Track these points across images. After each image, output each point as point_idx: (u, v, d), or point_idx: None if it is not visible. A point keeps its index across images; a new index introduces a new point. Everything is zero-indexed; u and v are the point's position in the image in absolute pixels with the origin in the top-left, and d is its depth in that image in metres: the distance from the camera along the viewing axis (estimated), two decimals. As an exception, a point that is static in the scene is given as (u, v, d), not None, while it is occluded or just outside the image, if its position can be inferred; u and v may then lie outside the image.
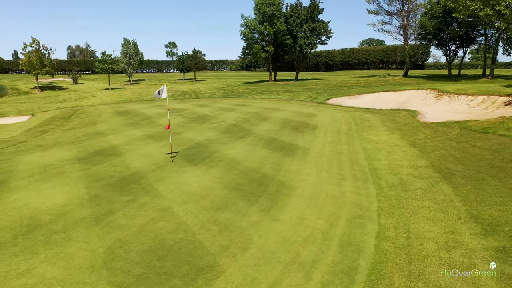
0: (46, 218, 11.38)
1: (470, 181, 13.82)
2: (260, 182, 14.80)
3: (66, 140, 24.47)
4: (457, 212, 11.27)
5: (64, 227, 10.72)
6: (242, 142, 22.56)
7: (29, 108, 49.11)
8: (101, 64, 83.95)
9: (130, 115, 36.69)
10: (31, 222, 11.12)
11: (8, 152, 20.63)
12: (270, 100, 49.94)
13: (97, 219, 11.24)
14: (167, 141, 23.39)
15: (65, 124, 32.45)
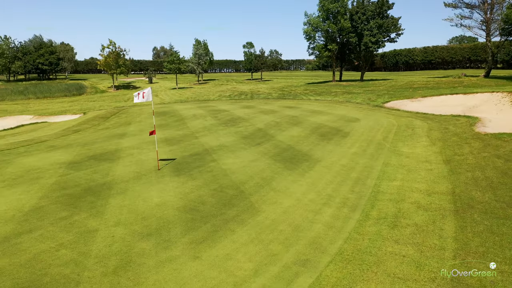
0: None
1: (487, 220, 10.36)
2: (228, 202, 12.67)
3: (81, 142, 24.37)
4: (436, 269, 8.16)
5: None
6: (253, 150, 20.48)
7: (90, 107, 51.66)
8: (169, 64, 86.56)
9: (167, 115, 36.35)
10: None
11: (15, 153, 20.85)
12: (322, 102, 46.84)
13: (6, 239, 10.03)
14: (180, 145, 22.09)
15: (101, 124, 32.94)
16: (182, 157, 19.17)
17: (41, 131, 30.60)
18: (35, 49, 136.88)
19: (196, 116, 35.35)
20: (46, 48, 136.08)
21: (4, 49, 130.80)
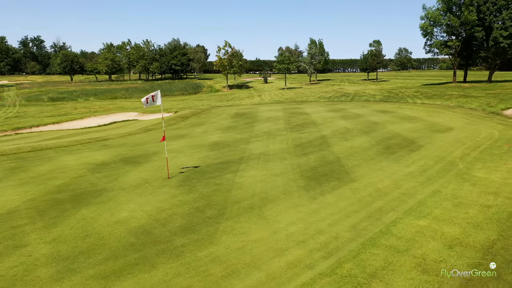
0: None
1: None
2: (192, 226, 10.88)
3: (134, 142, 24.79)
4: None
5: None
6: (290, 162, 18.15)
7: (191, 105, 53.92)
8: (279, 64, 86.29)
9: (243, 117, 35.50)
10: None
11: (66, 150, 22.02)
12: (428, 106, 40.86)
13: None
14: (221, 151, 20.86)
15: (176, 124, 33.56)
16: (208, 165, 17.82)
17: (120, 129, 32.49)
18: (170, 51, 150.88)
19: (270, 119, 33.74)
20: (179, 50, 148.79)
21: (145, 52, 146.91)
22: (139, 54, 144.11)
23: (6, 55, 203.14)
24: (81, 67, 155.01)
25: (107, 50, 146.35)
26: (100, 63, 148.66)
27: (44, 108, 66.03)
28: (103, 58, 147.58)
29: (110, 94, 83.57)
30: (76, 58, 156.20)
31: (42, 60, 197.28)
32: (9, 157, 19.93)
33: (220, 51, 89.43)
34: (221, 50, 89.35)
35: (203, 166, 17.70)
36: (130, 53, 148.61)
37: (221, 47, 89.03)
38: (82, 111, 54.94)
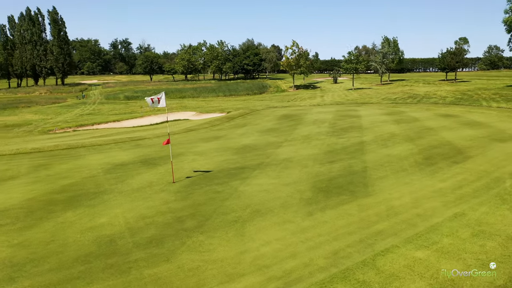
0: None
1: None
2: (149, 241, 10.18)
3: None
4: None
5: None
6: (308, 170, 16.78)
7: (247, 106, 53.58)
8: (346, 64, 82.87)
9: (288, 119, 34.18)
10: None
11: (98, 149, 22.56)
12: (501, 111, 36.26)
13: None
14: (245, 155, 20.02)
15: (220, 125, 33.22)
16: (221, 170, 17.03)
17: (165, 128, 32.95)
18: (243, 51, 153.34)
19: (316, 121, 32.07)
20: (251, 50, 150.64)
21: (219, 52, 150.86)
22: (213, 54, 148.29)
23: (98, 57, 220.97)
24: (160, 67, 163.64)
25: (183, 51, 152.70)
26: (177, 63, 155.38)
27: (116, 106, 70.24)
28: (180, 59, 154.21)
29: (179, 93, 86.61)
30: (156, 59, 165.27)
31: (128, 61, 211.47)
32: (44, 154, 20.95)
33: (287, 50, 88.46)
34: (288, 49, 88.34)
35: (215, 171, 16.95)
36: (205, 54, 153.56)
37: (288, 47, 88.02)
38: (147, 109, 57.50)
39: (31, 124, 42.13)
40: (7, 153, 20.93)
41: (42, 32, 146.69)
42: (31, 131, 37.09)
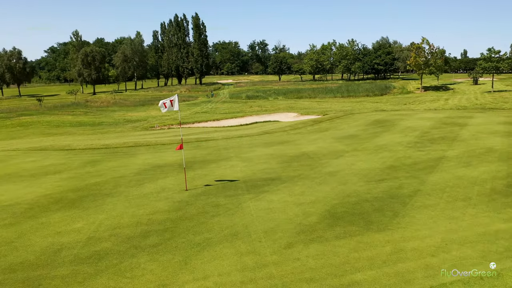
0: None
1: None
2: (96, 254, 9.50)
3: (233, 145, 24.05)
4: None
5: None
6: (338, 190, 14.36)
7: (352, 108, 50.03)
8: (484, 63, 71.25)
9: (377, 125, 30.39)
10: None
11: (160, 148, 23.03)
12: None
13: None
14: (294, 164, 18.33)
15: (302, 128, 31.26)
16: (247, 180, 15.57)
17: (248, 130, 32.51)
18: (374, 50, 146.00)
19: (406, 129, 27.85)
20: (383, 49, 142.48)
21: (348, 51, 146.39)
22: (342, 54, 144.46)
23: (237, 58, 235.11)
24: (289, 67, 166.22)
25: (312, 51, 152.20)
26: (305, 63, 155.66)
27: (234, 105, 73.12)
28: (308, 59, 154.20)
29: (297, 93, 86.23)
30: (285, 59, 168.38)
31: (264, 61, 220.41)
32: (107, 151, 22.37)
33: (416, 49, 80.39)
34: (417, 47, 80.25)
35: (241, 180, 15.65)
36: (334, 54, 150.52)
37: (416, 44, 79.92)
38: (255, 109, 58.19)
39: (145, 120, 46.57)
40: (77, 147, 22.99)
41: (186, 36, 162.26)
42: (137, 127, 40.74)
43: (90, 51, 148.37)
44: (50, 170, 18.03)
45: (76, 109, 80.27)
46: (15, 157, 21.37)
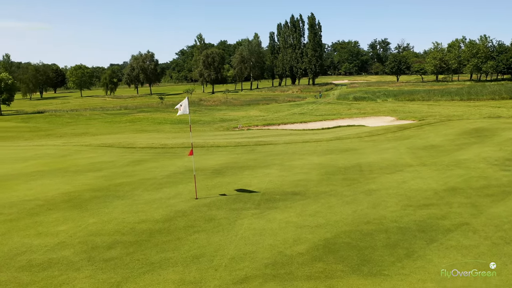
0: None
1: None
2: (48, 263, 9.27)
3: (288, 151, 22.45)
4: None
5: None
6: (359, 212, 12.20)
7: (463, 113, 43.48)
8: None
9: (468, 135, 25.58)
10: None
11: (216, 150, 22.57)
12: None
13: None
14: (335, 178, 16.42)
15: (378, 136, 27.88)
16: (269, 192, 14.07)
17: (323, 134, 30.34)
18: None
19: (505, 142, 22.75)
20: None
21: (480, 49, 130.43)
22: (471, 52, 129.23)
23: (356, 58, 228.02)
24: (408, 67, 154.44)
25: (435, 49, 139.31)
26: (427, 63, 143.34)
27: (336, 106, 70.36)
28: (431, 58, 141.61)
29: (409, 95, 79.55)
30: (404, 58, 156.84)
31: (384, 61, 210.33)
32: (161, 151, 22.80)
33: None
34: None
35: (261, 192, 14.23)
36: (462, 52, 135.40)
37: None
38: (352, 111, 54.63)
39: (236, 120, 47.14)
40: (137, 146, 23.91)
41: (301, 36, 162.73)
42: (222, 126, 41.42)
43: (210, 53, 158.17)
44: (95, 168, 18.96)
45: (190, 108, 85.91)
46: (79, 153, 23.19)
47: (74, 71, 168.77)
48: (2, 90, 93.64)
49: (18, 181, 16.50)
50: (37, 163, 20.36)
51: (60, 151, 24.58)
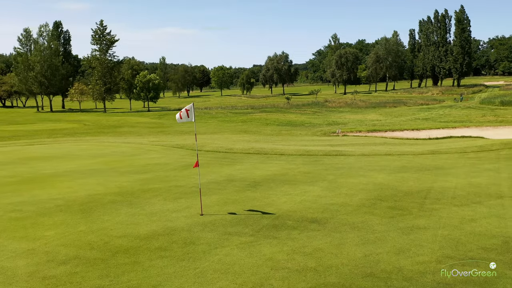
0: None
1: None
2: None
3: (355, 165, 19.34)
4: None
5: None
6: (371, 258, 9.51)
7: None
8: None
9: None
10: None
11: (273, 158, 20.71)
12: None
13: None
14: (381, 206, 13.60)
15: (487, 152, 22.19)
16: (285, 216, 12.03)
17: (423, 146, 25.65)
18: None
19: None
20: None
21: None
22: None
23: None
24: None
25: None
26: None
27: (472, 112, 60.83)
28: None
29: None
30: None
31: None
32: (224, 155, 21.90)
33: None
34: None
35: (276, 214, 12.16)
36: None
37: None
38: (486, 119, 45.57)
39: (345, 124, 43.62)
40: (205, 149, 23.42)
41: (446, 33, 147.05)
42: (321, 131, 38.84)
43: (344, 53, 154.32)
44: (144, 169, 19.08)
45: (308, 108, 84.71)
46: (147, 152, 23.94)
47: (216, 71, 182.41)
48: (149, 89, 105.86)
49: (66, 178, 17.49)
50: (101, 161, 21.57)
51: (134, 149, 25.84)
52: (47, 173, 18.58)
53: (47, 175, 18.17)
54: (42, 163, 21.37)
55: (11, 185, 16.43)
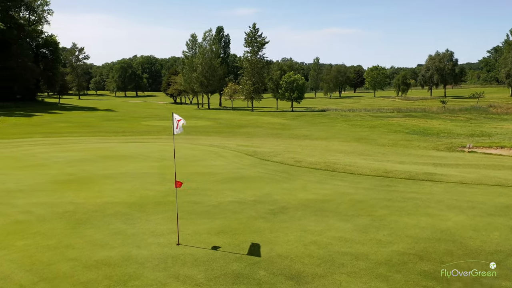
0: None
1: None
2: None
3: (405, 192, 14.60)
4: None
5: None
6: None
7: None
8: None
9: None
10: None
11: (318, 175, 17.18)
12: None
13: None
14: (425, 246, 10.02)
15: None
16: (296, 257, 9.57)
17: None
18: None
19: None
20: None
21: None
22: None
23: None
24: None
25: None
26: None
27: None
28: None
29: None
30: None
31: None
32: (282, 167, 19.37)
33: None
34: None
35: (266, 257, 9.68)
36: None
37: None
38: None
39: (491, 136, 34.44)
40: (274, 159, 21.14)
41: None
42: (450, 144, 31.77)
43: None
44: (188, 179, 17.92)
45: (462, 114, 73.01)
46: (206, 159, 22.80)
47: (370, 72, 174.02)
48: (293, 90, 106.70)
49: (109, 181, 17.52)
50: (160, 165, 21.36)
51: (200, 153, 25.08)
52: (100, 174, 19.11)
53: (98, 176, 18.61)
54: (110, 162, 21.86)
55: (56, 184, 17.12)
